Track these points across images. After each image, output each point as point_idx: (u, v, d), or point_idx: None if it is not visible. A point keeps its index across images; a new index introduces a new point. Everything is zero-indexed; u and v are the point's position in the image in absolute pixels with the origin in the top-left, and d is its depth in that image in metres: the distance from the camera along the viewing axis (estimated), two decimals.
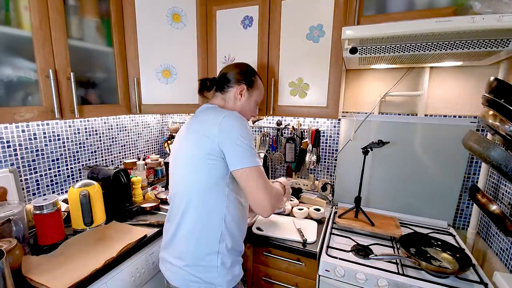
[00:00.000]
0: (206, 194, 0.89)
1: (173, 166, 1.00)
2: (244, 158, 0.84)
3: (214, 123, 0.87)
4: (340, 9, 1.20)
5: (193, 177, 0.90)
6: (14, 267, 0.87)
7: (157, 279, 1.25)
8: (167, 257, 0.96)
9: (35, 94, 1.01)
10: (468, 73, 1.33)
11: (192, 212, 0.90)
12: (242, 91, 1.00)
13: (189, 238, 0.91)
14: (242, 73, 1.02)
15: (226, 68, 1.05)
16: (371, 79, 1.51)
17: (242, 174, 0.84)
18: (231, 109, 0.99)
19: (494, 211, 1.00)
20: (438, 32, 0.90)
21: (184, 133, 0.97)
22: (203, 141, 0.87)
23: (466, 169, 1.35)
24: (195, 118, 0.98)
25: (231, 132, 0.85)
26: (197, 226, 0.90)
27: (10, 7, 0.92)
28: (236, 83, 1.00)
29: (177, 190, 0.96)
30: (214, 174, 0.87)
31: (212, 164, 0.86)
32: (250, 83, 1.02)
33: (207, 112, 0.96)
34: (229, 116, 0.87)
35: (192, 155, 0.90)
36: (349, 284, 1.06)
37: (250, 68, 1.06)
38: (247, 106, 1.03)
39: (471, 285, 0.96)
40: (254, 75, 1.05)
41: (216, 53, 1.50)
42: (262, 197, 0.84)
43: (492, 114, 0.85)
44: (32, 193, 1.27)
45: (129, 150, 1.81)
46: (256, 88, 1.04)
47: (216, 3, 1.44)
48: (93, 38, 1.22)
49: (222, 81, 1.02)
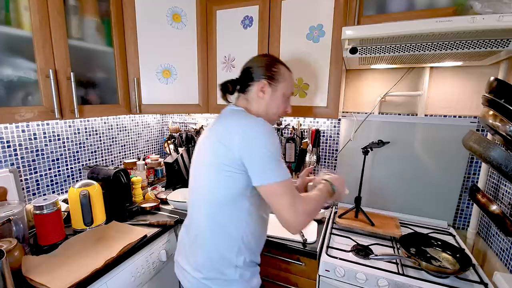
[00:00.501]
0: (224, 208, 0.83)
1: (193, 170, 0.94)
2: (268, 172, 0.75)
3: (236, 132, 0.78)
4: (340, 9, 1.20)
5: (212, 188, 0.83)
6: (14, 267, 0.87)
7: (157, 279, 1.25)
8: (185, 266, 0.92)
9: (35, 94, 1.01)
10: (468, 73, 1.33)
11: (210, 224, 0.85)
12: (264, 88, 0.89)
13: (207, 250, 0.86)
14: (260, 67, 0.90)
15: (245, 64, 0.95)
16: (371, 79, 1.51)
17: (266, 190, 0.77)
18: (255, 110, 0.90)
19: (494, 211, 1.00)
20: (438, 32, 0.90)
21: (205, 136, 0.91)
22: (220, 149, 0.80)
23: (466, 169, 1.35)
24: (218, 121, 0.91)
25: (254, 144, 0.76)
26: (214, 239, 0.85)
27: (10, 7, 0.92)
28: (255, 80, 0.90)
29: (195, 197, 0.91)
30: (233, 187, 0.81)
31: (230, 177, 0.79)
32: (271, 76, 0.90)
33: (230, 117, 0.88)
34: (252, 126, 0.79)
35: (210, 164, 0.83)
36: (349, 284, 1.06)
37: (268, 58, 0.93)
38: (273, 103, 0.91)
39: (471, 285, 0.96)
40: (275, 65, 0.91)
41: (216, 53, 1.50)
42: (287, 215, 0.75)
43: (492, 114, 0.85)
44: (32, 193, 1.27)
45: (129, 150, 1.81)
46: (280, 80, 0.91)
47: (216, 3, 1.44)
48: (93, 38, 1.22)
49: (243, 81, 0.93)
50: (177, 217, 1.37)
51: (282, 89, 0.91)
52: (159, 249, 1.25)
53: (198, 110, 1.58)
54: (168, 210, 1.47)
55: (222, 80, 1.47)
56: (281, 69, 0.92)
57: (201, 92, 1.55)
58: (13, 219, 0.96)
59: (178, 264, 0.96)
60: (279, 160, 0.77)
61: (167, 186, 1.75)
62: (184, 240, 0.96)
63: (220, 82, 0.95)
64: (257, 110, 0.91)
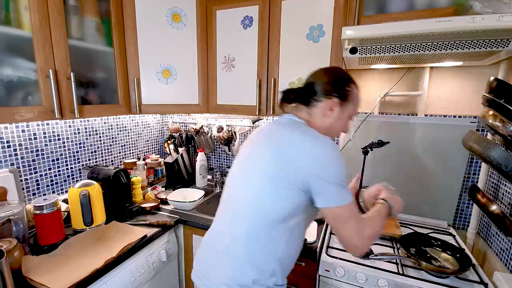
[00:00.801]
0: (271, 227, 0.76)
1: (238, 176, 0.86)
2: (335, 195, 0.72)
3: (304, 149, 0.73)
4: (340, 9, 1.20)
5: (261, 201, 0.77)
6: (14, 267, 0.87)
7: (157, 279, 1.25)
8: (209, 277, 0.83)
9: (35, 94, 1.01)
10: (468, 73, 1.33)
11: (248, 240, 0.78)
12: (333, 107, 0.82)
13: (238, 264, 0.79)
14: (333, 83, 0.83)
15: (312, 76, 0.88)
16: (371, 79, 1.51)
17: (331, 212, 0.74)
18: (318, 126, 0.83)
19: (494, 211, 1.00)
20: (438, 32, 0.90)
21: (258, 142, 0.84)
22: (282, 163, 0.74)
23: (466, 169, 1.34)
24: (276, 128, 0.84)
25: (325, 167, 0.72)
26: (249, 256, 0.78)
27: (10, 7, 0.92)
28: (325, 96, 0.82)
29: (235, 206, 0.83)
30: (289, 206, 0.75)
31: (287, 193, 0.74)
32: (343, 96, 0.82)
33: (294, 129, 0.80)
34: (324, 147, 0.74)
35: (265, 175, 0.76)
36: (349, 284, 1.06)
37: (343, 75, 0.86)
38: (338, 123, 0.85)
39: (471, 285, 0.96)
40: (349, 84, 0.84)
41: (216, 53, 1.50)
42: (354, 241, 0.74)
43: (492, 114, 0.85)
44: (32, 193, 1.27)
45: (129, 150, 1.81)
46: (351, 101, 0.84)
47: (216, 3, 1.44)
48: (93, 38, 1.22)
49: (307, 93, 0.85)
50: (177, 217, 1.37)
51: (350, 110, 0.85)
52: (159, 249, 1.25)
53: (198, 110, 1.58)
54: (168, 210, 1.47)
55: (222, 80, 1.51)
56: (354, 89, 0.85)
57: (201, 92, 1.55)
58: (13, 219, 0.96)
59: (199, 275, 0.87)
60: (345, 183, 0.74)
61: (167, 186, 1.75)
62: (209, 250, 0.87)
63: (282, 89, 0.90)
64: (319, 126, 0.83)
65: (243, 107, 1.49)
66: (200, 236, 1.37)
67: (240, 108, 1.50)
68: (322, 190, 0.72)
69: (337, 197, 0.72)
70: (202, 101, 1.56)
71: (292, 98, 0.87)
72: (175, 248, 1.37)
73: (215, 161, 2.02)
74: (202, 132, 1.85)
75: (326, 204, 0.73)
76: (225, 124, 1.87)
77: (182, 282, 1.48)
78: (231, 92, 1.51)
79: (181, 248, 1.43)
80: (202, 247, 0.92)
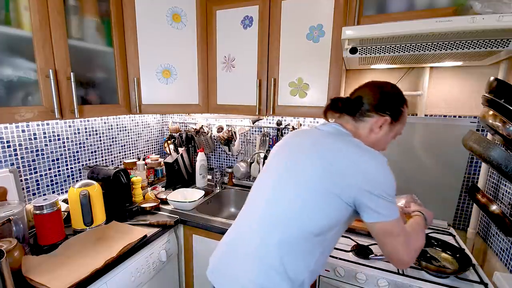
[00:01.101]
0: (307, 239, 0.73)
1: (276, 180, 0.81)
2: (385, 211, 0.70)
3: (357, 166, 0.71)
4: (340, 9, 1.20)
5: (304, 215, 0.73)
6: (14, 267, 0.87)
7: (157, 279, 1.25)
8: (229, 277, 0.79)
9: (35, 94, 1.01)
10: (468, 73, 1.33)
11: (281, 250, 0.73)
12: (384, 125, 0.80)
13: (265, 271, 0.74)
14: (388, 101, 0.80)
15: (364, 90, 0.84)
16: (371, 79, 1.49)
17: (380, 227, 0.72)
18: (363, 139, 0.80)
19: (494, 211, 1.00)
20: (438, 32, 0.90)
21: (306, 149, 0.79)
22: (336, 179, 0.71)
23: (466, 169, 1.34)
24: (323, 137, 0.80)
25: (377, 183, 0.70)
26: (280, 266, 0.73)
27: (10, 7, 0.92)
28: (376, 113, 0.79)
29: (269, 213, 0.78)
30: (332, 220, 0.73)
31: (334, 209, 0.72)
32: (396, 116, 0.80)
33: (342, 141, 0.77)
34: (376, 162, 0.72)
35: (314, 189, 0.73)
36: (349, 284, 1.05)
37: (398, 94, 0.83)
38: (383, 140, 0.83)
39: (471, 285, 0.96)
40: (403, 105, 0.82)
41: (216, 53, 1.50)
42: (400, 253, 0.72)
43: (492, 114, 0.85)
44: (32, 193, 1.27)
45: (129, 150, 1.81)
46: (401, 121, 0.82)
47: (216, 3, 1.44)
48: (93, 38, 1.22)
49: (357, 105, 0.82)
50: (177, 217, 1.37)
51: (397, 130, 0.84)
52: (159, 249, 1.25)
53: (198, 110, 1.58)
54: (168, 210, 1.47)
55: (222, 80, 1.51)
56: (406, 110, 0.84)
57: (201, 92, 1.55)
58: (13, 219, 0.96)
59: (217, 274, 0.83)
60: (395, 198, 0.73)
61: (167, 186, 1.75)
62: (231, 249, 0.83)
63: (331, 97, 0.87)
64: (363, 140, 0.79)
65: (243, 107, 1.49)
66: (200, 236, 1.37)
67: (240, 108, 1.50)
68: (372, 205, 0.70)
69: (387, 213, 0.70)
70: (202, 101, 1.56)
71: (339, 107, 0.84)
72: (175, 248, 1.37)
73: (215, 161, 2.02)
74: (202, 132, 1.85)
75: (375, 219, 0.71)
76: (225, 124, 1.87)
77: (182, 282, 1.48)
78: (231, 92, 1.51)
79: (181, 248, 1.43)
80: (222, 246, 0.87)
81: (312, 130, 0.87)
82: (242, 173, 1.79)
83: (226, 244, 0.86)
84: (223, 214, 1.78)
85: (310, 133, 0.85)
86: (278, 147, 0.90)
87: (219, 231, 1.30)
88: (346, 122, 0.84)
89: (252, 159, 1.81)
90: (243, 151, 1.89)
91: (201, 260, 1.40)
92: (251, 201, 0.88)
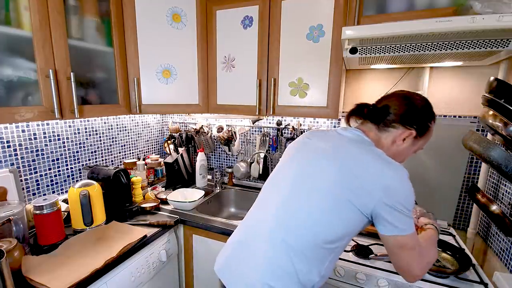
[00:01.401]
0: (319, 246, 0.73)
1: (290, 183, 0.79)
2: (402, 225, 0.69)
3: (380, 179, 0.69)
4: (340, 9, 1.20)
5: (319, 223, 0.72)
6: (14, 267, 0.87)
7: (157, 279, 1.25)
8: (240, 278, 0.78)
9: (35, 94, 1.01)
10: (468, 73, 1.33)
11: (294, 258, 0.73)
12: (408, 139, 0.77)
13: (278, 277, 0.73)
14: (416, 115, 0.77)
15: (392, 99, 0.80)
16: (371, 79, 1.51)
17: (395, 241, 0.70)
18: (385, 149, 0.78)
19: (494, 211, 1.00)
20: (438, 32, 0.90)
21: (326, 155, 0.77)
22: (357, 191, 0.69)
23: (466, 169, 1.34)
24: (345, 143, 0.78)
25: (397, 197, 0.68)
26: (292, 271, 0.73)
27: (10, 7, 0.92)
28: (402, 125, 0.77)
29: (282, 217, 0.76)
30: (347, 229, 0.73)
31: (351, 219, 0.71)
32: (422, 131, 0.77)
33: (363, 149, 0.75)
34: (399, 176, 0.70)
35: (332, 198, 0.71)
36: (349, 284, 1.05)
37: (427, 109, 0.79)
38: (404, 154, 0.81)
39: (471, 285, 0.96)
40: (431, 120, 0.79)
41: (216, 53, 1.50)
42: (412, 267, 0.72)
43: (492, 114, 0.85)
44: (32, 193, 1.27)
45: (129, 150, 1.81)
46: (426, 136, 0.80)
47: (216, 3, 1.44)
48: (93, 38, 1.22)
49: (383, 115, 0.79)
50: (177, 217, 1.37)
51: (420, 145, 0.81)
52: (159, 249, 1.25)
53: (198, 110, 1.58)
54: (168, 210, 1.47)
55: (222, 80, 1.51)
56: (433, 126, 0.80)
57: (201, 92, 1.55)
58: (13, 219, 0.96)
59: (227, 270, 0.83)
60: (412, 212, 0.72)
61: (167, 186, 1.75)
62: (242, 249, 0.82)
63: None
64: (385, 151, 0.77)
65: (243, 107, 1.49)
66: (200, 236, 1.37)
67: (240, 108, 1.50)
68: (390, 219, 0.69)
69: (404, 227, 0.69)
70: (202, 101, 1.56)
71: (364, 114, 0.82)
72: (175, 248, 1.37)
73: (215, 161, 2.02)
74: (202, 132, 1.85)
75: (391, 233, 0.70)
76: (225, 124, 1.87)
77: (182, 282, 1.48)
78: (231, 92, 1.51)
79: (181, 248, 1.43)
80: (232, 245, 0.86)
81: (333, 133, 0.84)
82: (242, 173, 1.79)
83: (236, 243, 0.85)
84: (223, 214, 1.78)
85: (330, 136, 0.82)
86: (296, 148, 0.87)
87: (219, 231, 1.30)
88: (369, 130, 0.81)
89: (252, 159, 1.81)
90: (243, 151, 1.89)
91: (201, 260, 1.40)
92: (263, 202, 0.86)
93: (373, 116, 0.81)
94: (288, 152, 0.90)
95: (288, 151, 0.90)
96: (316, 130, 0.90)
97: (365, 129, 0.81)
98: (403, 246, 0.71)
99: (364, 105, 0.82)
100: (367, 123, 0.82)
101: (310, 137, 0.87)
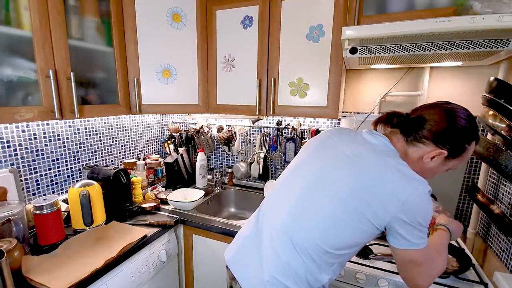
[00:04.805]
0: (329, 253, 0.72)
1: (302, 185, 0.78)
2: (416, 239, 0.67)
3: (397, 196, 0.66)
4: (340, 9, 1.20)
5: (331, 232, 0.71)
6: (14, 267, 0.87)
7: (157, 279, 1.25)
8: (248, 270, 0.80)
9: (35, 94, 1.01)
10: (468, 73, 1.33)
11: (303, 261, 0.72)
12: (437, 158, 0.71)
13: (288, 276, 0.74)
14: (453, 135, 0.69)
15: (430, 111, 0.72)
16: (371, 79, 1.51)
17: (405, 254, 0.69)
18: (410, 162, 0.73)
19: (494, 211, 1.00)
20: (438, 32, 0.90)
21: (347, 160, 0.73)
22: (373, 204, 0.67)
23: (466, 169, 1.34)
24: (365, 147, 0.75)
25: (414, 214, 0.66)
26: (301, 274, 0.73)
27: (10, 7, 0.92)
28: (433, 143, 0.70)
29: (292, 220, 0.75)
30: (360, 240, 0.72)
31: (365, 231, 0.70)
32: (456, 152, 0.70)
33: (386, 161, 0.70)
34: (418, 196, 0.66)
35: (347, 209, 0.70)
36: (349, 284, 1.05)
37: (468, 129, 0.69)
38: (431, 171, 0.75)
39: (471, 285, 0.96)
40: (470, 142, 0.70)
41: (216, 53, 1.50)
42: (418, 280, 0.71)
43: (492, 114, 0.85)
44: (32, 193, 1.27)
45: (129, 150, 1.81)
46: (461, 158, 0.72)
47: (216, 3, 1.44)
48: (93, 38, 1.22)
49: (415, 127, 0.73)
50: (177, 217, 1.37)
51: (452, 165, 0.74)
52: (159, 249, 1.25)
53: (198, 110, 1.58)
54: (168, 210, 1.47)
55: (222, 80, 1.50)
56: (472, 147, 0.72)
57: (201, 92, 1.55)
58: (13, 219, 0.96)
59: (237, 264, 0.83)
60: (427, 228, 0.69)
61: (167, 186, 1.75)
62: (249, 248, 0.83)
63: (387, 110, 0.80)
64: (410, 165, 0.72)
65: (243, 107, 1.49)
66: (200, 236, 1.37)
67: (240, 108, 1.50)
68: (403, 233, 0.67)
69: (416, 241, 0.68)
70: (202, 101, 1.56)
71: (394, 123, 0.77)
72: (175, 248, 1.37)
73: (215, 161, 2.02)
74: (202, 132, 1.85)
75: (402, 246, 0.69)
76: (225, 124, 1.87)
77: (182, 282, 1.48)
78: (231, 92, 1.51)
79: (181, 248, 1.43)
80: (241, 239, 0.87)
81: (358, 137, 0.79)
82: (242, 173, 1.79)
83: (247, 237, 0.85)
84: (223, 214, 1.78)
85: (354, 141, 0.78)
86: (316, 146, 0.84)
87: (219, 231, 1.30)
88: (397, 140, 0.76)
89: (252, 159, 1.81)
90: (243, 151, 1.89)
91: (201, 260, 1.40)
92: (274, 202, 0.85)
93: (403, 126, 0.75)
94: (306, 149, 0.87)
95: (306, 148, 0.87)
96: (339, 129, 0.86)
97: (392, 138, 0.77)
98: (412, 260, 0.69)
99: (395, 114, 0.77)
100: (396, 132, 0.77)
101: (333, 138, 0.82)
